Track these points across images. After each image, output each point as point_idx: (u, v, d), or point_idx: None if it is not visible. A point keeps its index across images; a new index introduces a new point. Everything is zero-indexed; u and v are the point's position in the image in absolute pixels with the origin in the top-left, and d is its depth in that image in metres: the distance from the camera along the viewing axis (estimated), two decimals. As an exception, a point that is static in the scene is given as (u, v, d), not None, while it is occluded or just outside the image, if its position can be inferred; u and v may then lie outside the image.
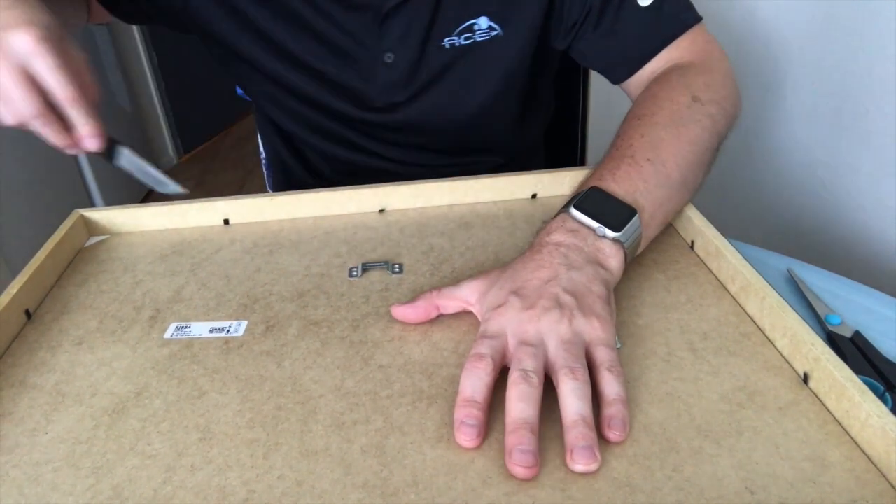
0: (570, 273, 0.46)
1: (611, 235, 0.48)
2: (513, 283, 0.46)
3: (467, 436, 0.38)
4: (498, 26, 0.71)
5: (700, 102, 0.59)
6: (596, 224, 0.49)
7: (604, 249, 0.48)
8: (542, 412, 0.39)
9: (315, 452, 0.39)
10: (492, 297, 0.46)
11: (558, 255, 0.47)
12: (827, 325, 0.52)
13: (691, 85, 0.61)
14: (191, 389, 0.44)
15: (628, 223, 0.49)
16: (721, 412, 0.40)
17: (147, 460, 0.39)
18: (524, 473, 0.36)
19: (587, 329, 0.43)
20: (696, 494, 0.35)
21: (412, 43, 0.70)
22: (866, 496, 0.35)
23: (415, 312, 0.49)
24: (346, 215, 0.65)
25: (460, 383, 0.41)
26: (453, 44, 0.71)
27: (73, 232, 0.62)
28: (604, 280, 0.46)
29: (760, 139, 1.09)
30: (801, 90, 1.03)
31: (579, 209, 0.50)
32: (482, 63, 0.73)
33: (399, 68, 0.72)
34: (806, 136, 1.05)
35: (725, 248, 0.52)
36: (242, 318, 0.51)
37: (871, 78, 0.93)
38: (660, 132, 0.56)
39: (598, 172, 0.53)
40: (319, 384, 0.44)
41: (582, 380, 0.40)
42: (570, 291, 0.44)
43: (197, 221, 0.65)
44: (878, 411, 0.36)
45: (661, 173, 0.53)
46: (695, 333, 0.47)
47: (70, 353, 0.49)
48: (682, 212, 0.58)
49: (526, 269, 0.47)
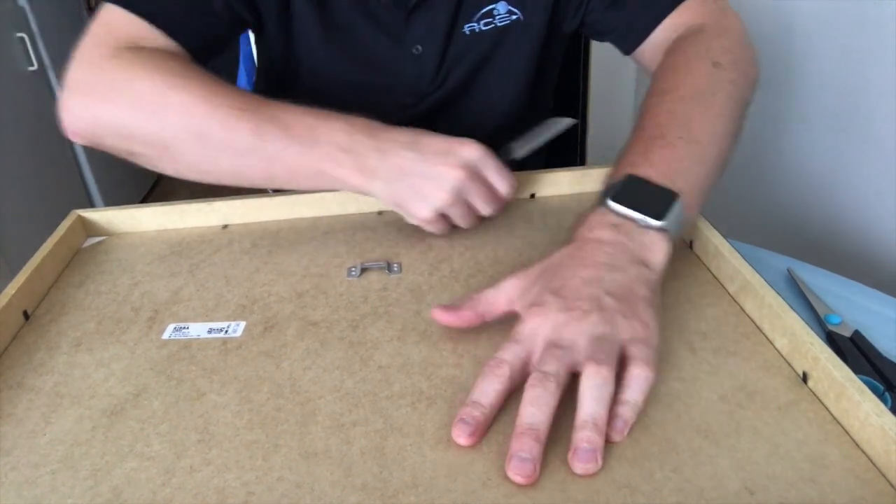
0: (613, 274, 0.44)
1: (655, 225, 0.46)
2: (552, 280, 0.45)
3: (461, 432, 0.38)
4: (517, 10, 0.71)
5: (721, 68, 0.57)
6: (638, 215, 0.46)
7: (648, 244, 0.46)
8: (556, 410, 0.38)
9: (314, 454, 0.39)
10: (531, 295, 0.45)
11: (602, 254, 0.45)
12: (827, 325, 0.52)
13: (710, 50, 0.59)
14: (189, 390, 0.44)
15: (671, 209, 0.47)
16: (720, 412, 0.40)
17: (146, 462, 0.39)
18: (521, 482, 0.36)
19: (627, 329, 0.41)
20: (696, 495, 0.35)
21: (438, 33, 0.70)
22: (866, 496, 0.35)
23: (458, 321, 0.47)
24: (345, 215, 0.65)
25: (474, 384, 0.40)
26: (473, 30, 0.71)
27: (71, 232, 0.62)
28: (647, 281, 0.45)
29: (760, 139, 1.09)
30: (800, 90, 1.03)
31: (618, 201, 0.47)
32: (504, 47, 0.72)
33: (427, 60, 0.72)
34: (806, 136, 1.05)
35: (724, 248, 0.52)
36: (241, 319, 0.51)
37: (871, 78, 0.92)
38: (687, 107, 0.54)
39: (630, 157, 0.51)
40: (318, 385, 0.44)
41: (605, 376, 0.38)
42: (612, 293, 0.42)
43: (195, 222, 0.65)
44: (877, 411, 0.36)
45: (695, 151, 0.51)
46: (694, 333, 0.47)
47: (68, 354, 0.49)
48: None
49: (567, 266, 0.45)
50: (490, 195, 0.58)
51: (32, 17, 1.98)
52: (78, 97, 0.57)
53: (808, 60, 1.01)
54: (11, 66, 1.89)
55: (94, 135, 0.57)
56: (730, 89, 0.57)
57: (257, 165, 0.55)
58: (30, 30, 1.97)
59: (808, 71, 1.01)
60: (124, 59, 0.57)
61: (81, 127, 0.57)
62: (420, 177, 0.55)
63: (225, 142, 0.54)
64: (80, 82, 0.58)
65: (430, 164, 0.55)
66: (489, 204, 0.58)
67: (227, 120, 0.54)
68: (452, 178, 0.55)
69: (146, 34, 0.59)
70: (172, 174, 0.58)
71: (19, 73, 1.93)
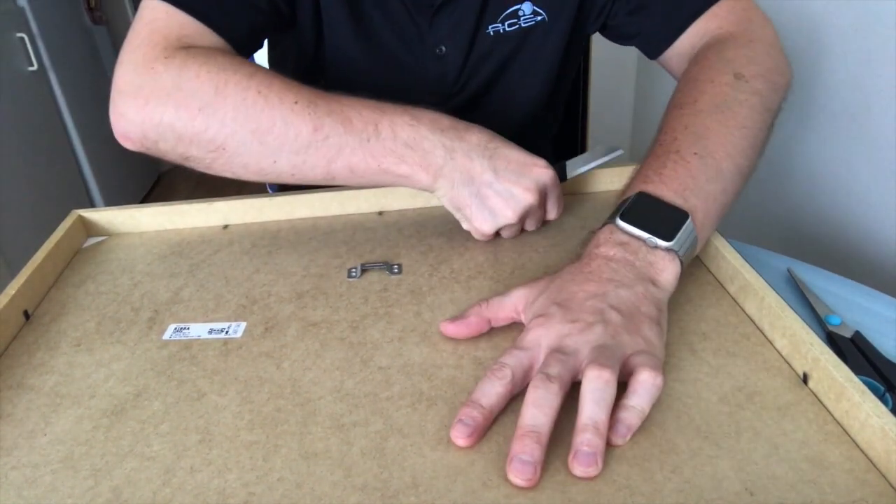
0: (619, 290, 0.44)
1: (663, 245, 0.46)
2: (559, 294, 0.45)
3: (460, 433, 0.38)
4: (543, 11, 0.70)
5: (744, 79, 0.56)
6: (646, 235, 0.46)
7: (656, 263, 0.46)
8: (558, 414, 0.38)
9: (315, 454, 0.39)
10: (537, 306, 0.45)
11: (608, 270, 0.45)
12: (827, 326, 0.52)
13: (732, 61, 0.58)
14: (190, 391, 0.44)
15: (680, 230, 0.46)
16: (720, 413, 0.40)
17: (146, 462, 0.39)
18: (521, 484, 0.36)
19: (630, 343, 0.41)
20: (696, 495, 0.35)
21: (462, 34, 0.70)
22: (866, 496, 0.35)
23: (467, 329, 0.47)
24: (345, 216, 0.65)
25: (475, 387, 0.40)
26: (497, 31, 0.70)
27: (71, 233, 0.62)
28: (654, 299, 0.44)
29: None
30: (800, 90, 1.02)
31: (627, 219, 0.47)
32: (527, 48, 0.72)
33: (450, 61, 0.71)
34: (806, 137, 1.05)
35: (725, 249, 0.52)
36: (241, 320, 0.51)
37: (870, 78, 0.92)
38: (705, 120, 0.53)
39: (644, 173, 0.51)
40: (319, 385, 0.44)
41: (606, 379, 0.38)
42: (617, 308, 0.42)
43: (196, 222, 0.65)
44: (877, 411, 0.36)
45: (710, 167, 0.50)
46: (694, 334, 0.47)
47: (68, 354, 0.49)
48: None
49: (574, 281, 0.45)
50: (543, 217, 0.59)
51: (32, 17, 1.98)
52: (130, 100, 0.54)
53: (808, 61, 1.01)
54: (11, 66, 1.89)
55: (148, 139, 0.55)
56: (752, 101, 0.55)
57: (317, 163, 0.53)
58: (30, 30, 1.97)
59: (808, 72, 1.01)
60: (176, 59, 0.54)
61: (134, 132, 0.55)
62: (491, 189, 0.54)
63: (283, 138, 0.53)
64: (131, 85, 0.55)
65: (505, 181, 0.54)
66: (538, 224, 0.59)
67: (286, 115, 0.52)
68: (524, 200, 0.55)
69: (192, 31, 0.57)
70: (230, 176, 0.56)
71: (19, 73, 1.93)
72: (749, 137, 0.53)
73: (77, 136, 2.19)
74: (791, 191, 1.10)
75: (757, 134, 0.54)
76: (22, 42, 1.93)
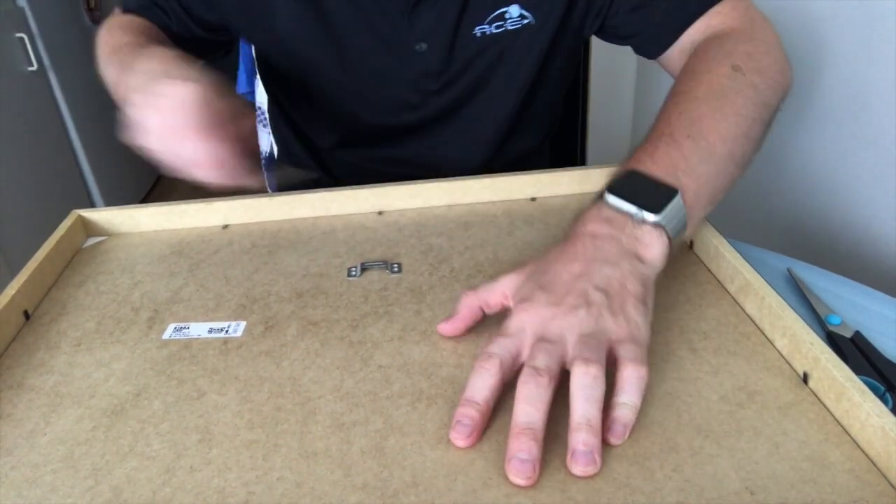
0: (604, 268, 0.43)
1: (650, 219, 0.45)
2: (543, 276, 0.44)
3: (459, 434, 0.38)
4: (529, 14, 0.70)
5: (741, 72, 0.56)
6: (633, 209, 0.45)
7: (642, 238, 0.45)
8: (552, 408, 0.38)
9: (315, 453, 0.39)
10: (522, 290, 0.45)
11: (592, 248, 0.44)
12: (827, 326, 0.52)
13: (731, 54, 0.58)
14: (190, 390, 0.44)
15: (669, 204, 0.45)
16: (721, 412, 0.40)
17: (146, 461, 0.39)
18: (521, 483, 0.36)
19: (613, 328, 0.41)
20: (696, 495, 0.35)
21: (444, 32, 0.70)
22: (866, 496, 0.35)
23: (461, 322, 0.47)
24: (345, 215, 0.65)
25: (467, 382, 0.40)
26: (484, 32, 0.70)
27: (71, 232, 0.62)
28: (640, 276, 0.44)
29: (760, 139, 1.09)
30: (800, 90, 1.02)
31: (614, 193, 0.46)
32: (514, 51, 0.72)
33: (431, 58, 0.71)
34: (806, 137, 1.05)
35: (725, 248, 0.52)
36: (241, 319, 0.51)
37: (870, 78, 0.92)
38: (699, 106, 0.53)
39: (636, 155, 0.50)
40: (319, 385, 0.44)
41: (594, 374, 0.38)
42: (601, 288, 0.42)
43: (195, 222, 0.65)
44: (877, 411, 0.36)
45: (703, 149, 0.50)
46: (694, 333, 0.47)
47: (68, 354, 0.49)
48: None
49: (558, 261, 0.45)
50: None
51: (32, 17, 1.98)
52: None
53: (808, 61, 1.01)
54: (11, 66, 1.89)
55: None
56: (749, 92, 0.55)
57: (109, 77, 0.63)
58: (30, 30, 1.97)
59: (808, 72, 1.01)
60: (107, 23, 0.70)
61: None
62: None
63: (104, 71, 0.65)
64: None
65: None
66: None
67: (107, 56, 0.65)
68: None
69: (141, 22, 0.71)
70: None
71: (19, 73, 1.93)
72: (743, 126, 0.53)
73: (77, 136, 2.18)
74: (791, 191, 1.10)
75: (751, 125, 0.54)
76: (22, 42, 1.92)
